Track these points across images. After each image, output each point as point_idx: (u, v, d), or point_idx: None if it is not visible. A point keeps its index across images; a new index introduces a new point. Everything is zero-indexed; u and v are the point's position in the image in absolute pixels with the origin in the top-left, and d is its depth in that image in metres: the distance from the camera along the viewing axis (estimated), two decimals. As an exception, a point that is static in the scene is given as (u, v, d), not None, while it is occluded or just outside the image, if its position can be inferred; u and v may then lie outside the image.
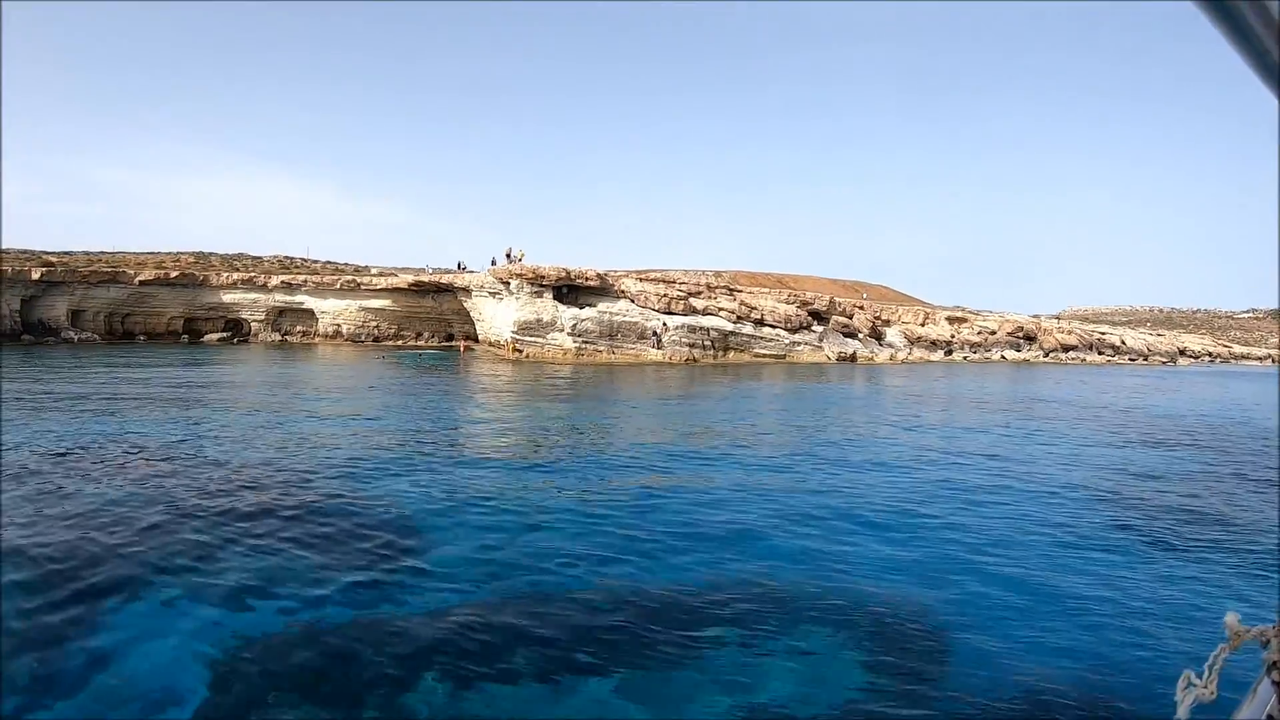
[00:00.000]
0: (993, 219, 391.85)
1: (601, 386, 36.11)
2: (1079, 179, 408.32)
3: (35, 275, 62.17)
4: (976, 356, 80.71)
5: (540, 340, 52.79)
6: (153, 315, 67.14)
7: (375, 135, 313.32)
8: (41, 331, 62.57)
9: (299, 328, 70.54)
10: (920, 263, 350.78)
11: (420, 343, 68.12)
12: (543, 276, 53.00)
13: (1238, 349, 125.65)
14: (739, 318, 58.07)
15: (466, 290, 61.96)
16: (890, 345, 72.10)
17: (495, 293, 56.50)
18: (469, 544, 11.71)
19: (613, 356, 52.92)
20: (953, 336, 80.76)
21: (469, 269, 65.92)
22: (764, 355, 58.52)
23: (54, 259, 67.18)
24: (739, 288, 62.67)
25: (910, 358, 71.56)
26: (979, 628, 9.08)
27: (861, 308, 72.77)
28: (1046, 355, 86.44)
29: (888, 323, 76.87)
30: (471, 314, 62.91)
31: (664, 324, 54.53)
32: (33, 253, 71.04)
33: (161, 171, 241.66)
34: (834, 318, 65.83)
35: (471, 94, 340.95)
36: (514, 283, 53.58)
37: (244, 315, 69.15)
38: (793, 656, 8.27)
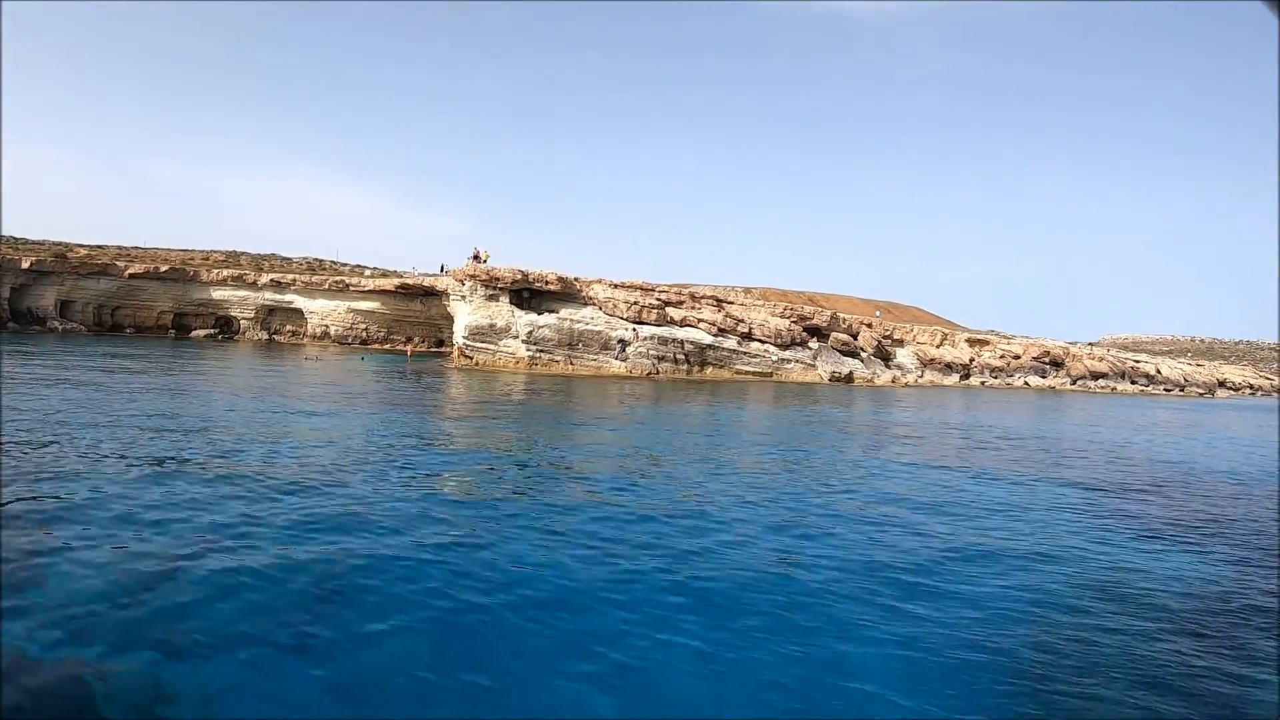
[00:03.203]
0: (1036, 244, 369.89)
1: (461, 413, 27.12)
2: (1126, 206, 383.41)
3: (25, 264, 56.44)
4: (997, 382, 69.27)
5: (492, 347, 44.16)
6: (142, 309, 60.89)
7: (433, 147, 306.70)
8: (29, 320, 56.79)
9: (289, 327, 63.57)
10: (966, 289, 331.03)
11: (408, 346, 60.10)
12: (497, 279, 44.44)
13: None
14: (721, 330, 48.50)
15: (446, 294, 53.90)
16: (899, 367, 61.49)
17: (464, 296, 48.12)
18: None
19: (570, 368, 43.95)
20: (971, 360, 69.49)
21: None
22: (747, 373, 48.76)
23: (85, 249, 61.52)
24: (730, 300, 53.05)
25: (920, 381, 60.86)
26: None
27: (869, 325, 62.31)
28: (1074, 383, 74.34)
29: (900, 342, 66.19)
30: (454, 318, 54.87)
31: (634, 333, 45.40)
32: (65, 244, 65.84)
33: (225, 172, 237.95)
34: (834, 334, 55.63)
35: (550, 118, 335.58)
36: (467, 284, 45.15)
37: (234, 313, 62.45)
38: None
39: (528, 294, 46.10)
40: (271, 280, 61.32)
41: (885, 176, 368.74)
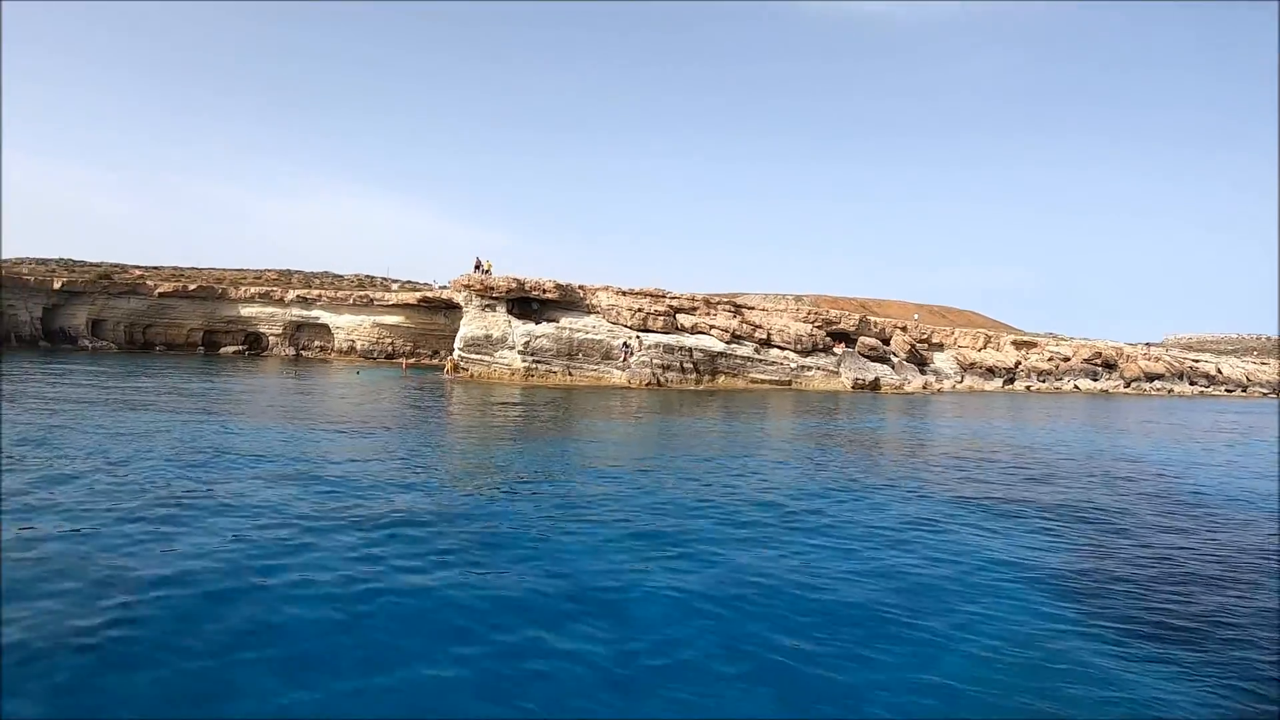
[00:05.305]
0: (1100, 244, 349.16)
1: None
2: (1191, 203, 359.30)
3: (56, 285, 55.30)
4: (1045, 386, 62.18)
5: (487, 359, 40.18)
6: (172, 327, 59.11)
7: (482, 161, 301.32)
8: (61, 339, 55.47)
9: (316, 343, 60.99)
10: (1027, 294, 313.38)
11: (434, 360, 56.26)
12: (492, 288, 40.46)
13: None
14: (736, 337, 43.55)
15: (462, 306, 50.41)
16: (935, 372, 55.34)
17: (464, 308, 44.38)
18: None
19: (569, 378, 39.62)
20: (1017, 364, 62.71)
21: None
22: (763, 381, 43.61)
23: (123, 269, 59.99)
24: (748, 305, 48.01)
25: (959, 387, 54.60)
26: None
27: (904, 328, 56.37)
28: (1128, 385, 66.62)
29: (939, 346, 60.00)
30: (468, 330, 51.24)
31: (638, 341, 40.85)
32: (121, 266, 64.56)
33: (280, 194, 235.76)
34: (861, 339, 50.00)
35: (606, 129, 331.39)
36: (463, 294, 41.36)
37: (262, 329, 60.26)
38: None
39: (536, 305, 42.04)
40: (298, 296, 58.85)
41: (942, 183, 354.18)
